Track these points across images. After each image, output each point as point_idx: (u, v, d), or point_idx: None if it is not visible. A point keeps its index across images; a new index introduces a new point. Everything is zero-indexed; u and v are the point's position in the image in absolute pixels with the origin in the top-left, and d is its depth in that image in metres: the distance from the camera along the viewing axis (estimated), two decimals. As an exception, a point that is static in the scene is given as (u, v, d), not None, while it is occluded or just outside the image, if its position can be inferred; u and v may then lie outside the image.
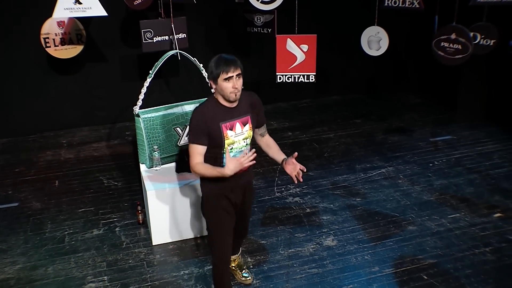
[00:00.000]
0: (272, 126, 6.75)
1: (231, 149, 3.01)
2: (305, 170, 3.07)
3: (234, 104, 2.97)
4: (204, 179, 3.10)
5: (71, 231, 4.40)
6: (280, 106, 7.46)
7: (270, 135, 3.35)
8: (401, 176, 5.30)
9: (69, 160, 5.82)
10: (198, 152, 2.97)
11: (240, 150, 3.04)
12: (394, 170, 5.43)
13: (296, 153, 3.07)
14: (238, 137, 3.02)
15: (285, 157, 3.17)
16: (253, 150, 2.95)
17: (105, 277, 3.80)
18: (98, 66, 6.33)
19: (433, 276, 3.77)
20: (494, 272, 3.79)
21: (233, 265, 3.71)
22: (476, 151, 5.88)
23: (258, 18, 5.70)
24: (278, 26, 5.52)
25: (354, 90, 7.83)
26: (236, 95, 2.90)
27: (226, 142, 2.98)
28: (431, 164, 5.56)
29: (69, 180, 5.33)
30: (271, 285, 3.68)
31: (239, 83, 2.89)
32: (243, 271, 3.73)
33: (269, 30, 5.63)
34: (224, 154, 2.98)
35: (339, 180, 5.23)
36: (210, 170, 2.95)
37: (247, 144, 3.09)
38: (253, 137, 3.15)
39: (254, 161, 2.91)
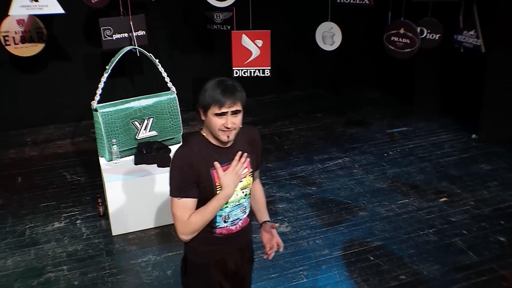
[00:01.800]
0: (236, 121, 6.90)
1: (226, 203, 2.30)
2: (281, 249, 2.59)
3: (229, 143, 2.29)
4: (192, 240, 2.31)
5: (32, 224, 4.48)
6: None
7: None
8: (356, 166, 5.52)
9: (33, 157, 5.89)
10: (187, 207, 2.22)
11: (237, 204, 2.36)
12: (350, 161, 5.65)
13: (276, 224, 2.58)
14: None
15: (268, 219, 2.61)
16: (245, 154, 2.30)
17: (64, 266, 3.91)
18: (61, 64, 6.40)
19: (379, 257, 3.98)
20: (434, 251, 4.03)
21: None
22: (429, 141, 6.14)
23: (218, 15, 5.86)
24: (237, 23, 5.70)
25: (316, 86, 8.05)
26: (229, 136, 2.21)
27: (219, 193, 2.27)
28: (385, 154, 5.80)
29: (32, 176, 5.40)
30: (225, 270, 3.85)
31: (235, 121, 2.18)
32: None
33: (229, 27, 5.80)
34: (218, 214, 2.30)
35: (296, 171, 5.43)
36: (207, 211, 2.24)
37: (246, 195, 2.40)
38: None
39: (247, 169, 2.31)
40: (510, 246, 4.09)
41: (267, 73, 5.08)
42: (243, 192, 2.37)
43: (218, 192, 2.25)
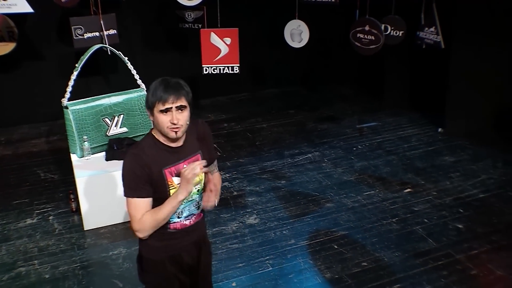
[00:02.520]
0: (210, 118, 7.02)
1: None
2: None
3: (179, 143, 2.35)
4: (147, 238, 2.38)
5: (3, 221, 4.54)
6: (219, 100, 7.74)
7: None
8: (326, 160, 5.68)
9: (6, 156, 5.92)
10: (140, 208, 2.28)
11: (190, 199, 2.43)
12: (320, 155, 5.81)
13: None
14: None
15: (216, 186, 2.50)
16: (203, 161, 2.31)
17: (36, 261, 3.98)
18: (34, 63, 6.45)
19: (342, 246, 4.14)
20: (396, 239, 4.20)
21: None
22: (397, 135, 6.33)
23: (189, 14, 5.97)
24: (208, 21, 5.81)
25: (290, 83, 8.19)
26: (177, 133, 2.26)
27: (172, 191, 2.34)
28: (354, 148, 5.97)
29: (5, 175, 5.45)
30: (194, 260, 3.96)
31: (181, 117, 2.24)
32: None
33: (200, 26, 5.91)
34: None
35: (267, 166, 5.56)
36: (162, 211, 2.28)
37: (198, 191, 2.45)
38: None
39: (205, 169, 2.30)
40: (467, 232, 4.28)
41: (236, 70, 5.21)
42: (195, 188, 2.42)
43: (170, 190, 2.32)
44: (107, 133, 4.56)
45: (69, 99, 4.43)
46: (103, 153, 4.57)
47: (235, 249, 4.11)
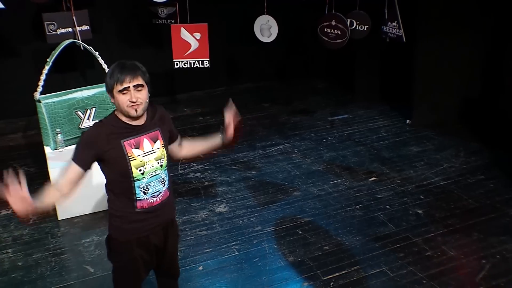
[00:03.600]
0: (185, 112, 7.17)
1: (142, 173, 2.48)
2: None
3: (141, 122, 2.49)
4: (115, 219, 2.58)
5: (-21, 212, 4.66)
6: (195, 94, 7.88)
7: (182, 121, 3.18)
8: (296, 151, 5.86)
9: (-17, 151, 6.02)
10: (70, 171, 2.46)
11: (154, 174, 2.52)
12: (291, 146, 5.99)
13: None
14: (148, 157, 2.49)
15: (220, 134, 2.89)
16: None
17: (9, 249, 4.11)
18: (8, 59, 6.53)
19: (307, 231, 4.33)
20: (358, 224, 4.40)
21: None
22: (367, 127, 6.54)
23: (162, 10, 6.10)
24: (181, 17, 5.94)
25: (266, 78, 8.34)
26: (137, 110, 2.40)
27: (133, 164, 2.43)
28: (324, 140, 6.16)
29: (-18, 168, 5.54)
30: (164, 247, 4.12)
31: (139, 95, 2.38)
32: None
33: (173, 21, 6.04)
34: (135, 185, 2.48)
35: (239, 157, 5.73)
36: (43, 196, 2.51)
37: (162, 166, 2.55)
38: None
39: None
40: (426, 217, 4.50)
41: (206, 64, 5.36)
42: (158, 162, 2.54)
43: (131, 162, 2.45)
44: (80, 126, 4.68)
45: (41, 93, 4.54)
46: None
47: (203, 235, 4.28)
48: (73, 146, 4.61)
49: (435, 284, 3.65)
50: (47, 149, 4.67)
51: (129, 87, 2.38)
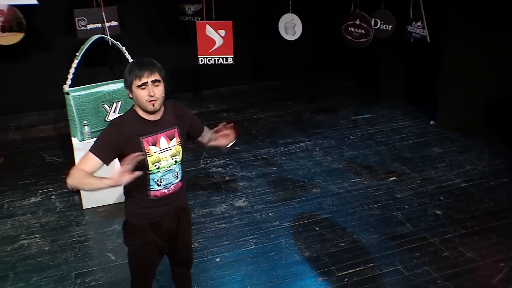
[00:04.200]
0: (210, 108, 7.29)
1: (157, 168, 2.61)
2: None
3: (157, 117, 2.59)
4: (130, 205, 2.71)
5: (10, 199, 4.86)
6: (221, 91, 8.00)
7: (206, 116, 3.31)
8: (317, 149, 5.90)
9: (16, 141, 6.26)
10: (89, 163, 2.51)
11: (168, 169, 2.66)
12: (312, 144, 6.04)
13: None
14: (164, 154, 2.62)
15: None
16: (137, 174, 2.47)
17: (37, 235, 4.29)
18: (42, 53, 6.77)
19: (324, 228, 4.37)
20: (376, 223, 4.42)
21: None
22: (390, 127, 6.53)
23: (189, 7, 6.23)
24: (207, 14, 6.05)
25: (291, 76, 8.40)
26: (154, 105, 2.51)
27: (149, 159, 2.58)
28: (346, 139, 6.18)
29: (13, 157, 5.78)
30: (183, 238, 4.23)
31: (156, 90, 2.49)
32: None
33: (199, 19, 6.16)
34: (151, 177, 2.62)
35: (260, 153, 5.81)
36: (87, 180, 2.47)
37: (176, 162, 2.69)
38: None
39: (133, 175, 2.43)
40: (444, 218, 4.48)
41: (230, 61, 5.45)
42: (173, 159, 2.68)
43: (148, 158, 2.57)
44: (106, 119, 4.83)
45: (70, 86, 4.71)
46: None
47: (222, 228, 4.37)
48: (99, 138, 4.82)
49: (450, 285, 3.65)
50: (75, 140, 4.84)
51: (147, 82, 2.48)
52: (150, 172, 2.63)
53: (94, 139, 4.76)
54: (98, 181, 2.47)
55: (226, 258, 3.98)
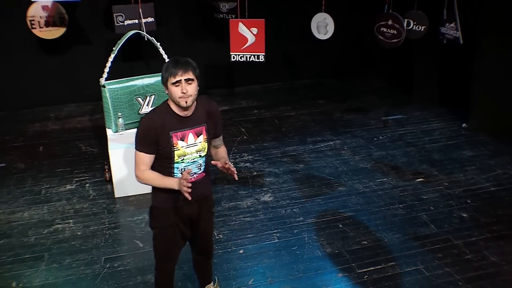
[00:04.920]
0: (241, 105, 7.41)
1: (182, 160, 2.80)
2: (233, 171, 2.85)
3: (188, 113, 2.75)
4: (156, 189, 2.89)
5: (47, 186, 5.11)
6: (253, 88, 8.10)
7: (237, 113, 3.45)
8: (346, 148, 5.94)
9: (55, 130, 6.55)
10: (144, 161, 2.76)
11: (192, 161, 2.83)
12: (341, 143, 6.07)
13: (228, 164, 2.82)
14: (190, 149, 2.80)
15: (227, 159, 2.92)
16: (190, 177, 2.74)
17: (71, 220, 4.51)
18: (82, 47, 7.04)
19: (347, 225, 4.42)
20: (399, 223, 4.44)
21: None
22: (421, 128, 6.49)
23: (223, 5, 6.36)
24: (241, 12, 6.16)
25: (323, 75, 8.44)
26: (186, 102, 2.66)
27: (176, 153, 2.76)
28: (375, 139, 6.18)
29: (52, 146, 6.05)
30: (209, 229, 4.35)
31: (189, 88, 2.64)
32: None
33: (233, 16, 6.28)
34: (175, 166, 2.80)
35: (289, 150, 5.88)
36: (159, 179, 2.78)
37: (201, 156, 2.85)
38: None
39: (189, 190, 2.66)
40: (470, 221, 4.45)
41: (262, 59, 5.54)
42: (198, 153, 2.84)
43: (175, 151, 2.74)
44: (139, 112, 5.02)
45: (106, 79, 4.91)
46: (135, 130, 5.02)
47: (247, 222, 4.47)
48: (132, 130, 5.00)
49: (471, 287, 3.64)
50: (109, 132, 5.05)
51: (181, 80, 2.64)
52: (175, 162, 2.79)
53: (127, 131, 5.00)
54: (163, 183, 2.79)
55: (249, 250, 4.08)
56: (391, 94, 7.74)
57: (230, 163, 2.84)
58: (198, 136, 2.81)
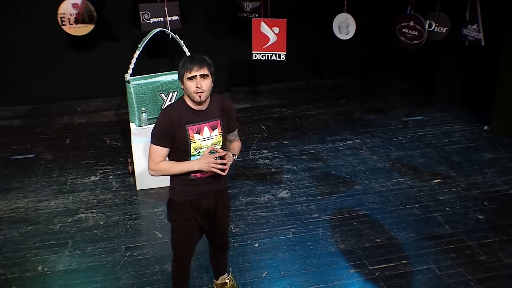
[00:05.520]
0: (263, 103, 7.52)
1: (198, 153, 2.90)
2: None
3: (203, 107, 2.87)
4: (173, 183, 2.99)
5: (73, 177, 5.31)
6: (275, 87, 8.20)
7: (259, 110, 3.56)
8: (364, 148, 5.98)
9: (81, 124, 6.77)
10: (159, 154, 2.87)
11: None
12: (360, 143, 6.12)
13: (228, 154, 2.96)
14: (205, 142, 2.90)
15: (233, 153, 3.05)
16: (225, 154, 2.88)
17: (94, 210, 4.69)
18: (109, 43, 7.25)
19: (362, 223, 4.48)
20: (414, 222, 4.48)
21: None
22: (441, 130, 6.48)
23: (247, 4, 6.48)
24: (264, 12, 6.27)
25: (346, 75, 8.47)
26: (200, 96, 2.79)
27: (192, 146, 2.87)
28: (395, 139, 6.21)
29: (78, 139, 6.27)
30: (226, 223, 4.46)
31: (204, 83, 2.77)
32: None
33: (257, 16, 6.40)
34: (192, 159, 2.90)
35: (308, 148, 5.96)
36: (176, 166, 2.87)
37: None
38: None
39: (224, 172, 2.85)
40: (486, 223, 4.46)
41: (283, 58, 5.64)
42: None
43: (191, 144, 2.86)
44: (162, 107, 5.17)
45: (131, 75, 5.08)
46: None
47: (263, 216, 4.58)
48: (155, 125, 5.15)
49: None
50: (132, 126, 5.22)
51: (196, 75, 2.76)
52: (191, 155, 2.90)
53: (150, 125, 5.16)
54: (182, 169, 2.87)
55: (264, 244, 4.19)
56: (413, 95, 7.74)
57: (234, 157, 2.99)
58: (213, 130, 2.92)
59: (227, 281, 3.53)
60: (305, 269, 3.89)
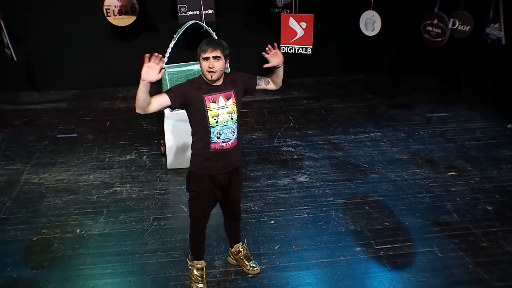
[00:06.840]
0: (293, 95, 7.84)
1: (216, 122, 3.20)
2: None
3: (218, 83, 3.22)
4: (194, 157, 3.38)
5: (110, 155, 5.81)
6: (306, 80, 8.48)
7: (288, 102, 3.67)
8: (385, 140, 6.23)
9: (121, 108, 7.29)
10: (160, 98, 3.15)
11: (225, 124, 3.24)
12: (381, 135, 6.36)
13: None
14: (221, 110, 3.21)
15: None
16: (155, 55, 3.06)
17: (128, 185, 5.16)
18: (150, 34, 7.73)
19: (373, 208, 4.76)
20: (423, 209, 4.72)
21: (240, 256, 3.87)
22: (464, 127, 6.63)
23: (279, 0, 6.80)
24: (295, 7, 6.59)
25: (375, 71, 8.65)
26: (212, 76, 3.12)
27: (210, 113, 3.18)
28: (416, 133, 6.42)
29: (117, 122, 6.78)
30: (246, 202, 4.83)
31: (216, 64, 3.09)
32: (251, 261, 3.88)
33: (288, 11, 6.72)
34: (211, 130, 3.22)
35: (331, 139, 6.26)
36: (139, 89, 3.04)
37: (232, 119, 3.26)
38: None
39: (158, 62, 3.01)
40: (494, 214, 4.65)
41: (309, 51, 5.95)
42: (229, 115, 3.26)
43: (208, 112, 3.19)
44: (194, 94, 5.58)
45: (166, 63, 5.50)
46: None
47: (281, 197, 4.93)
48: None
49: (480, 270, 3.89)
50: (166, 110, 5.63)
51: (209, 57, 3.11)
52: (210, 126, 3.23)
53: (182, 110, 5.55)
54: (140, 86, 3.03)
55: (280, 221, 4.54)
56: (440, 93, 7.87)
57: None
58: (227, 100, 3.24)
59: (241, 249, 3.90)
60: (315, 245, 4.21)
